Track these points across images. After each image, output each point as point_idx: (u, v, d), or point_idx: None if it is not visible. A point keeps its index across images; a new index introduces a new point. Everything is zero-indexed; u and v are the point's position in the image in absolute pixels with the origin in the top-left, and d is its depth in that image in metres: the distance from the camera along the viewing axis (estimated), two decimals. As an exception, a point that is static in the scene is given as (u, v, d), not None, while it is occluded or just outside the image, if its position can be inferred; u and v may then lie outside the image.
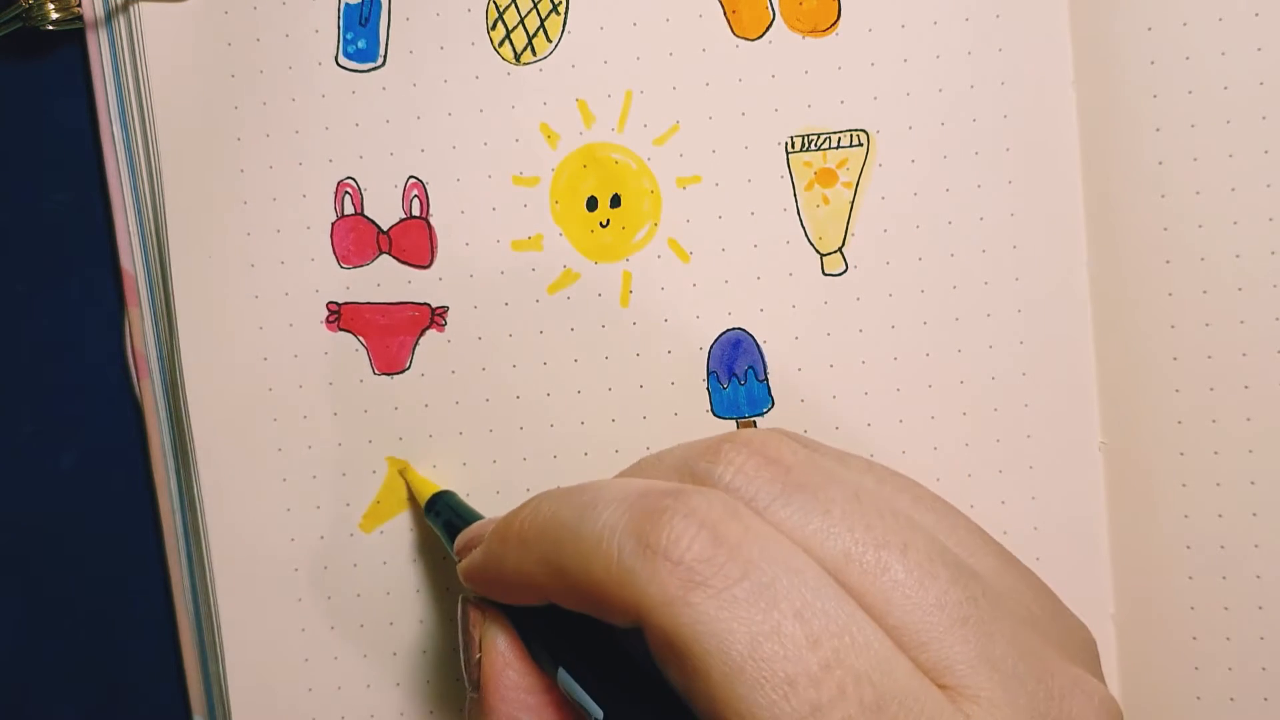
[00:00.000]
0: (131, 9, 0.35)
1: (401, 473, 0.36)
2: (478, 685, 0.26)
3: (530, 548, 0.25)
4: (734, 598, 0.21)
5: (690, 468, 0.25)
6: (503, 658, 0.26)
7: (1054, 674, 0.22)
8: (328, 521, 0.36)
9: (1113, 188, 0.34)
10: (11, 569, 0.37)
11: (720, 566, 0.21)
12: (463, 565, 0.28)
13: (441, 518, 0.33)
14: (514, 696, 0.26)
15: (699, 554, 0.21)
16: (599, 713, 0.24)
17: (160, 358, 0.36)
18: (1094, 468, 0.35)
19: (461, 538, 0.29)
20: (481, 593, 0.27)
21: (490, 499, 0.36)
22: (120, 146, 0.36)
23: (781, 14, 0.35)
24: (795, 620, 0.21)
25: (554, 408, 0.36)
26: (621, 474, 0.27)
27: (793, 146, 0.35)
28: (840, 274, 0.36)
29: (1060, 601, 0.26)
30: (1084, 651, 0.25)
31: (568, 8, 0.35)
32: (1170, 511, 0.34)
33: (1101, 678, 0.25)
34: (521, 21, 0.35)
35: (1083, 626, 0.26)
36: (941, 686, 0.21)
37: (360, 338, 0.36)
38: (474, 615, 0.27)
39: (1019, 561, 0.26)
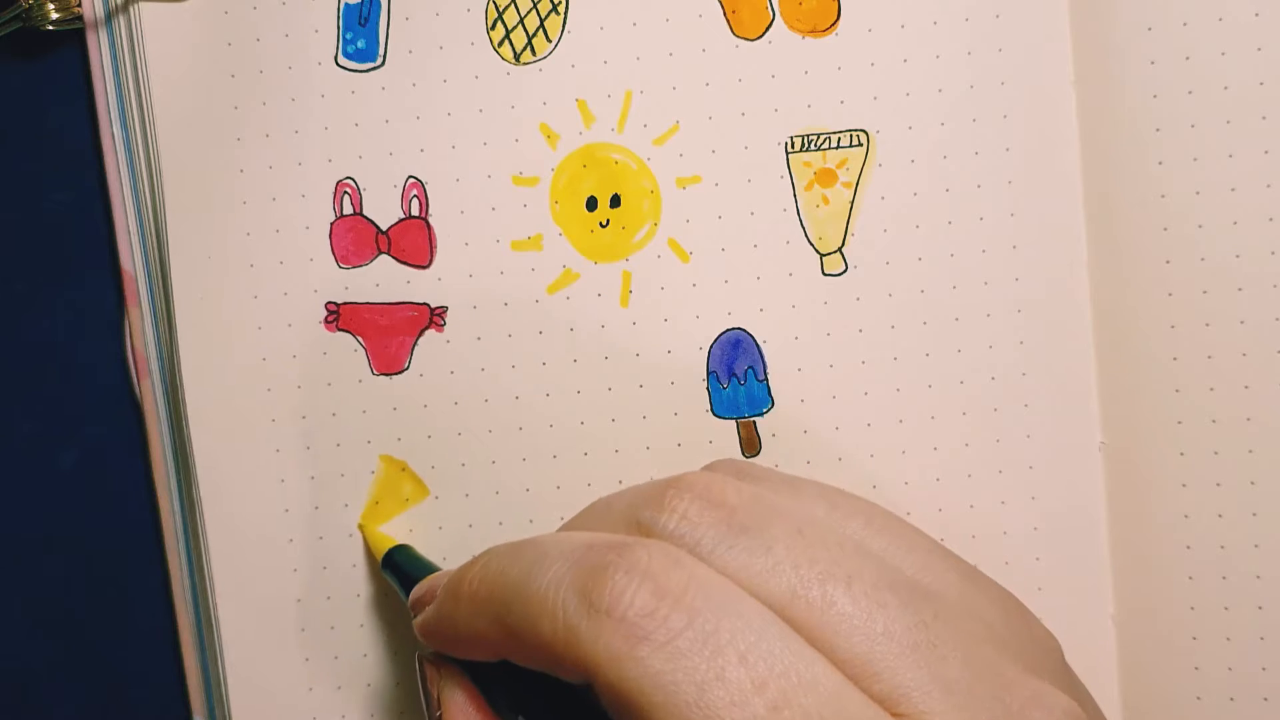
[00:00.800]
0: (131, 9, 0.35)
1: (361, 528, 0.36)
2: None
3: (481, 607, 0.25)
4: (678, 649, 0.21)
5: (636, 517, 0.25)
6: (463, 713, 0.26)
7: (1012, 689, 0.22)
8: (326, 522, 0.36)
9: (1113, 188, 0.34)
10: (11, 569, 0.37)
11: (664, 619, 0.21)
12: (418, 622, 0.28)
13: (397, 573, 0.33)
14: None
15: (641, 608, 0.22)
16: None
17: (160, 358, 0.36)
18: (1094, 468, 0.35)
19: (415, 592, 0.29)
20: (438, 649, 0.27)
21: (489, 500, 0.36)
22: (120, 146, 0.36)
23: (781, 14, 0.35)
24: (740, 664, 0.21)
25: (553, 408, 0.36)
26: (571, 522, 0.27)
27: (792, 146, 0.35)
28: (840, 274, 0.35)
29: (1026, 611, 0.26)
30: (1048, 660, 0.25)
31: (567, 7, 0.35)
32: (1170, 512, 0.34)
33: (1068, 686, 0.25)
34: (521, 21, 0.35)
35: (1048, 635, 0.26)
36: (897, 715, 0.21)
37: (359, 338, 0.36)
38: (431, 672, 0.27)
39: (981, 575, 0.26)
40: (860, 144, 0.35)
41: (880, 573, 0.23)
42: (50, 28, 0.35)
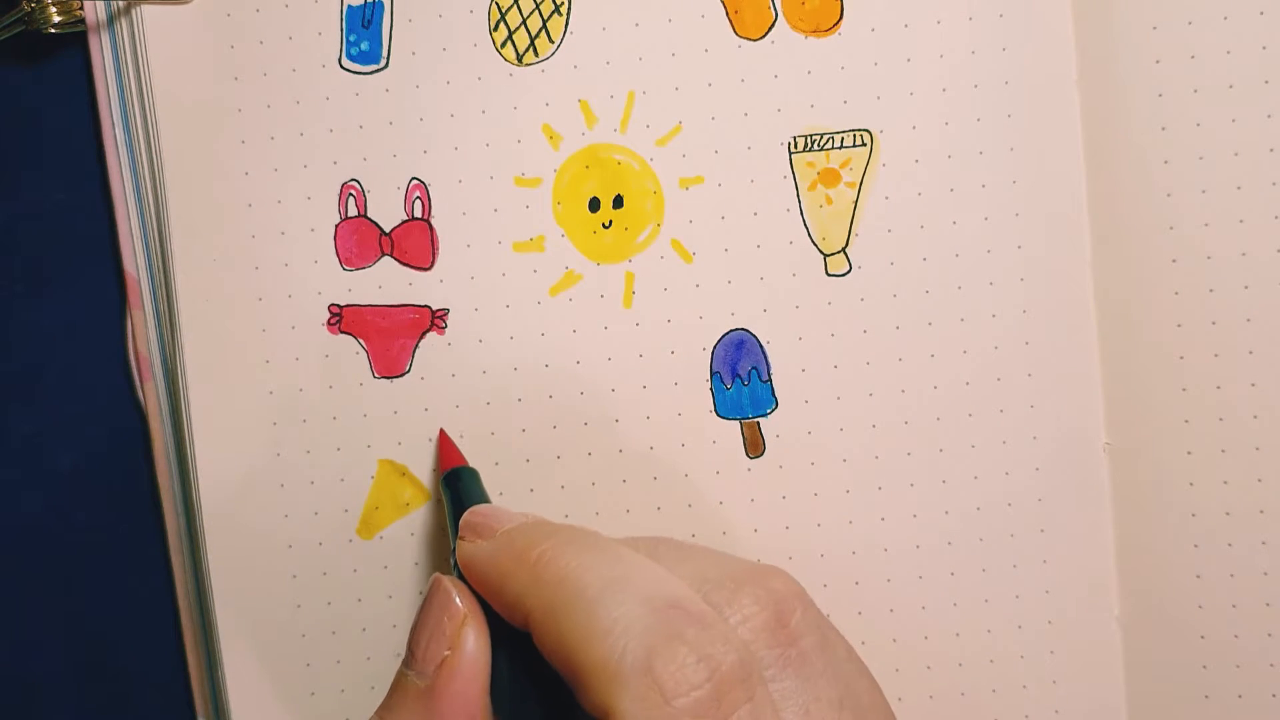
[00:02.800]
0: (133, 12, 0.35)
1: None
2: (430, 678, 0.25)
3: (540, 586, 0.24)
4: None
5: (712, 589, 0.25)
6: (472, 666, 0.25)
7: None
8: (326, 528, 0.35)
9: (1118, 187, 0.34)
10: (12, 569, 0.37)
11: None
12: (463, 552, 0.27)
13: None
14: (465, 711, 0.25)
15: (694, 705, 0.22)
16: None
17: (163, 360, 0.36)
18: (1100, 468, 0.35)
19: (468, 516, 0.28)
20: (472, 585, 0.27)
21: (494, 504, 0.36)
22: (123, 149, 0.36)
23: (784, 14, 0.35)
24: None
25: (556, 410, 0.36)
26: (654, 545, 0.27)
27: (796, 146, 0.35)
28: (844, 274, 0.35)
29: None
30: None
31: (570, 8, 0.35)
32: (1178, 510, 0.34)
33: None
34: (524, 22, 0.35)
35: None
36: None
37: (361, 340, 0.36)
38: (453, 606, 0.26)
39: None
40: (864, 144, 0.35)
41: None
42: (53, 30, 0.35)
